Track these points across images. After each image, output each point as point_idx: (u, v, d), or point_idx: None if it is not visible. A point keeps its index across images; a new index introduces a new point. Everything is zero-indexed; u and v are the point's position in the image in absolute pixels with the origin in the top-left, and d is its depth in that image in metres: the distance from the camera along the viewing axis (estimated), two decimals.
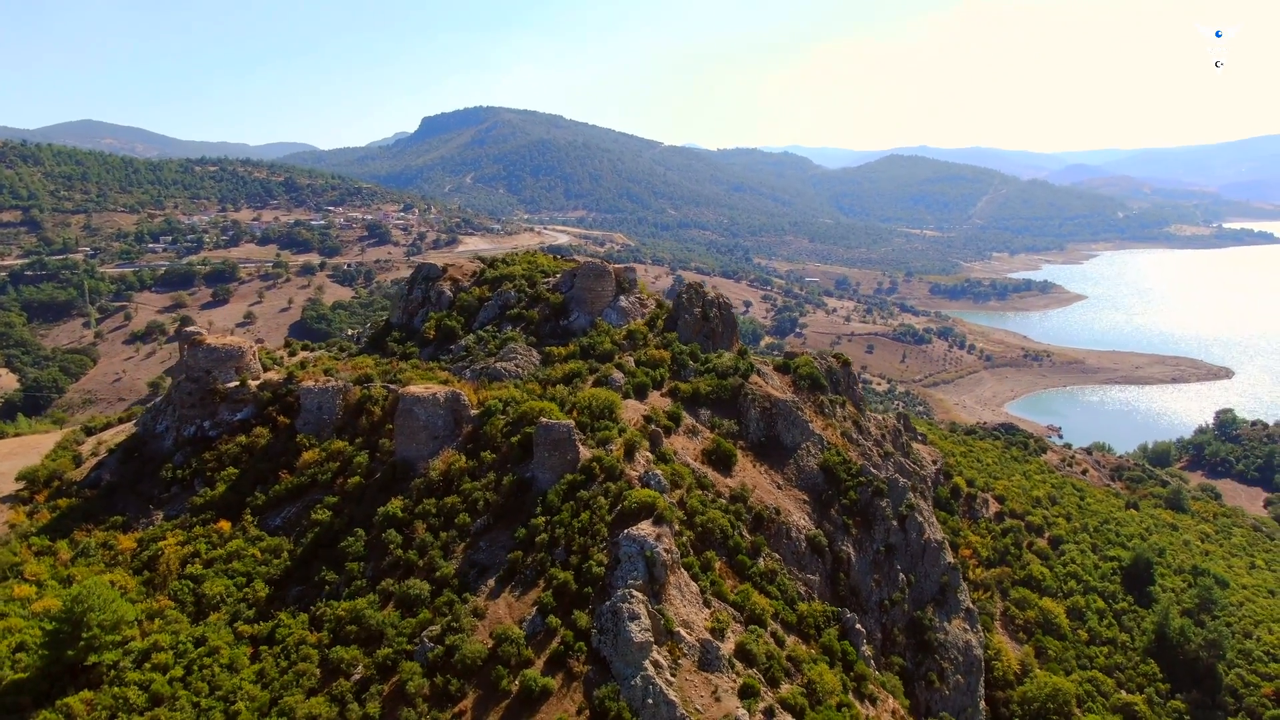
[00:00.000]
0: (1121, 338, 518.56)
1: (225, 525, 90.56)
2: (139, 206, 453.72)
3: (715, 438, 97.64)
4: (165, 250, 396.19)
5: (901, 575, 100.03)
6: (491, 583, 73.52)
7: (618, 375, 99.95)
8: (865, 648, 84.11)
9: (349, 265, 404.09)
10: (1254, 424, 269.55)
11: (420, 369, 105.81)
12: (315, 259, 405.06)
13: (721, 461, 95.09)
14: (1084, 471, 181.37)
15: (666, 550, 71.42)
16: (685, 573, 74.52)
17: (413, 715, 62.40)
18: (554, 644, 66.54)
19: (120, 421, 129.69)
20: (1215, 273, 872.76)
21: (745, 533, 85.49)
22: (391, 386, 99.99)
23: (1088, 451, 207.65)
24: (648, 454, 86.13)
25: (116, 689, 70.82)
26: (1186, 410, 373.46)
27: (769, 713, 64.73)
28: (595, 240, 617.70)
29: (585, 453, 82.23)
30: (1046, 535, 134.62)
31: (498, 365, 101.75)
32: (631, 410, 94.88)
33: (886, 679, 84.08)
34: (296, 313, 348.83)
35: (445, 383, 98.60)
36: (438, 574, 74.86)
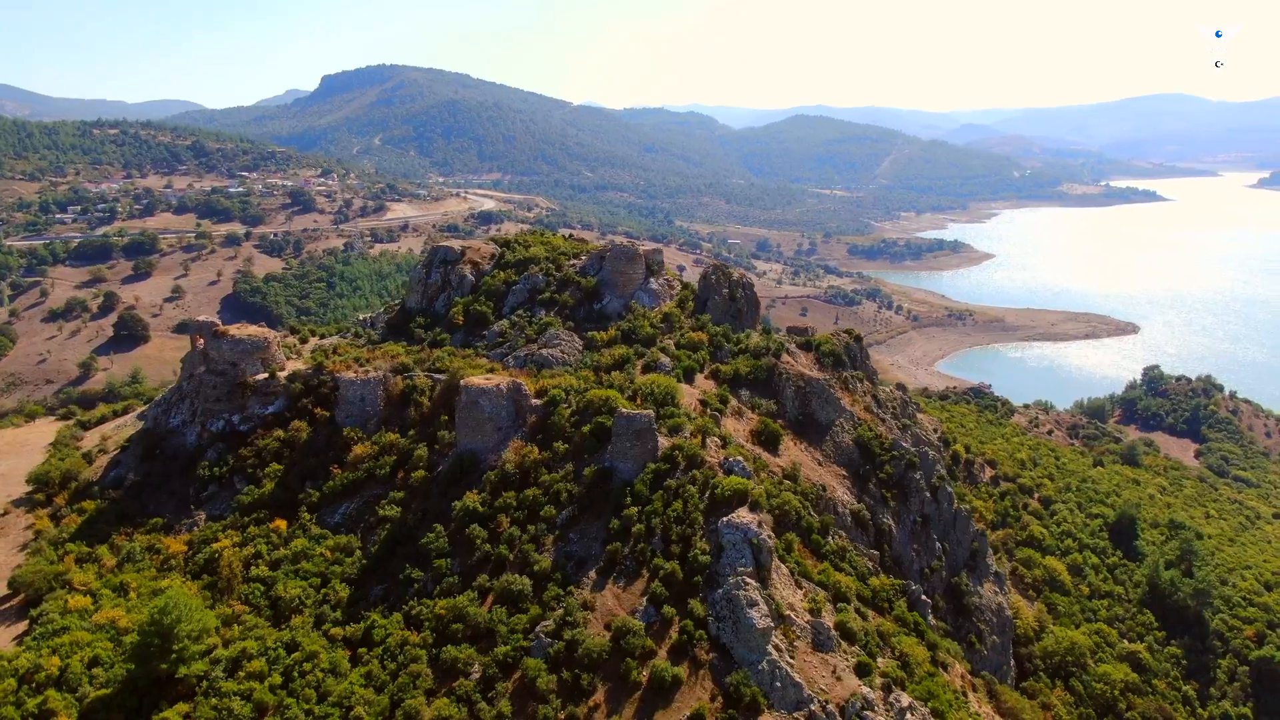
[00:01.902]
0: (1033, 295, 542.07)
1: (281, 524, 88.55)
2: (39, 174, 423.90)
3: (761, 418, 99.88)
4: (75, 221, 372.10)
5: (937, 544, 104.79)
6: (593, 575, 74.15)
7: (665, 360, 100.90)
8: (931, 617, 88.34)
9: (275, 235, 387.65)
10: (1179, 379, 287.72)
11: (457, 356, 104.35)
12: (239, 229, 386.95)
13: (770, 441, 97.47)
14: (1049, 431, 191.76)
15: (769, 536, 73.55)
16: (774, 555, 76.82)
17: (549, 712, 63.13)
18: (673, 633, 68.01)
19: (115, 415, 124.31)
20: (1108, 230, 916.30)
21: (813, 512, 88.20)
22: (437, 376, 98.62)
23: (1045, 410, 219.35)
24: (717, 439, 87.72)
25: (215, 700, 69.26)
26: (1101, 364, 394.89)
27: (887, 689, 67.89)
28: (520, 204, 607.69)
29: (664, 441, 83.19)
30: (1037, 496, 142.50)
31: (544, 352, 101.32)
32: (686, 395, 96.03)
33: (950, 645, 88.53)
34: (227, 285, 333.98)
35: (491, 371, 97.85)
36: (535, 568, 75.04)
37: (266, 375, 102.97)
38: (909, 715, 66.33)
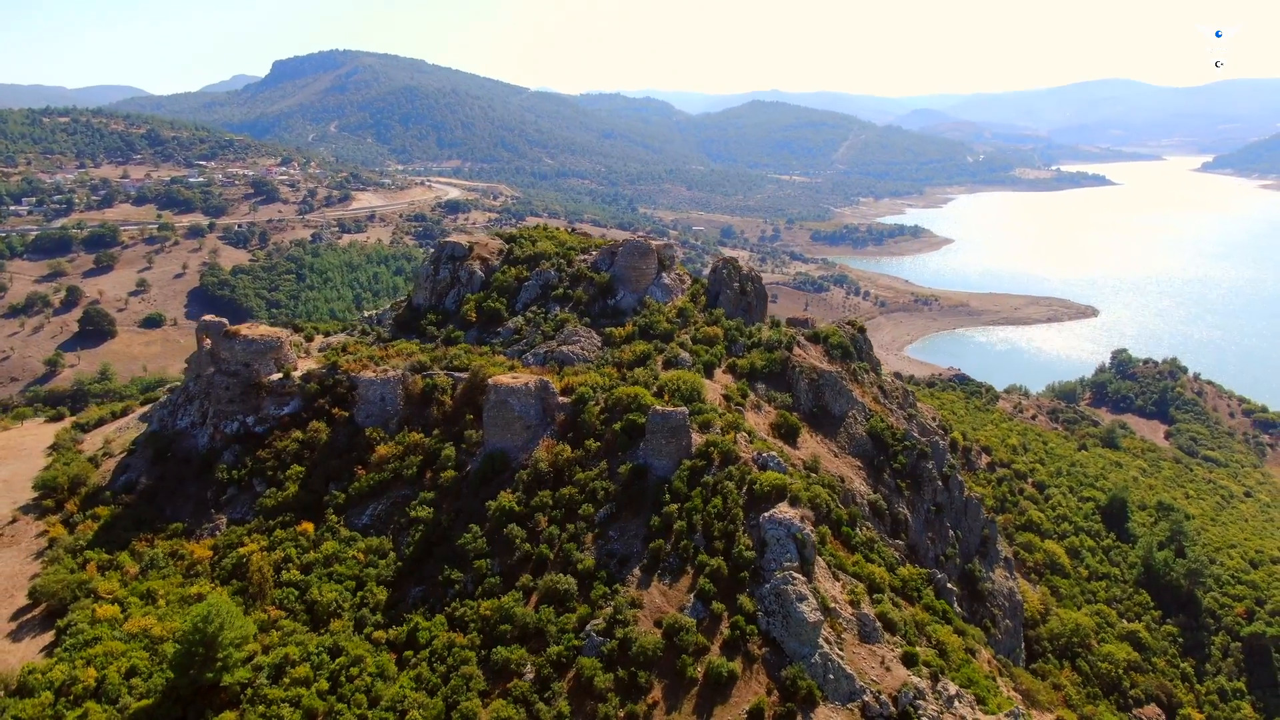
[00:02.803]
0: (994, 279, 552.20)
1: (308, 526, 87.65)
2: None
3: (780, 412, 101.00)
4: (31, 213, 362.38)
5: (950, 531, 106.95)
6: (637, 572, 74.64)
7: (686, 356, 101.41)
8: (957, 605, 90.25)
9: (240, 226, 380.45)
10: (1146, 362, 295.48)
11: (475, 354, 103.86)
12: (202, 220, 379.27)
13: (789, 434, 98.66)
14: (1033, 416, 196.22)
15: (811, 531, 74.62)
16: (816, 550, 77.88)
17: (609, 710, 63.61)
18: (724, 629, 68.83)
19: (114, 416, 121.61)
20: (1062, 214, 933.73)
21: (840, 504, 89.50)
22: (457, 374, 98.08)
23: (1025, 395, 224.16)
24: (745, 434, 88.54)
25: (262, 707, 68.62)
26: (1064, 347, 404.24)
27: (934, 678, 69.40)
28: (484, 193, 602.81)
29: (696, 438, 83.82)
30: (1031, 481, 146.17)
31: (563, 349, 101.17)
32: (709, 389, 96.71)
33: (975, 631, 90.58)
34: (194, 279, 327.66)
35: (512, 369, 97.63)
36: (579, 567, 75.32)
37: (280, 375, 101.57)
38: (957, 703, 67.96)
